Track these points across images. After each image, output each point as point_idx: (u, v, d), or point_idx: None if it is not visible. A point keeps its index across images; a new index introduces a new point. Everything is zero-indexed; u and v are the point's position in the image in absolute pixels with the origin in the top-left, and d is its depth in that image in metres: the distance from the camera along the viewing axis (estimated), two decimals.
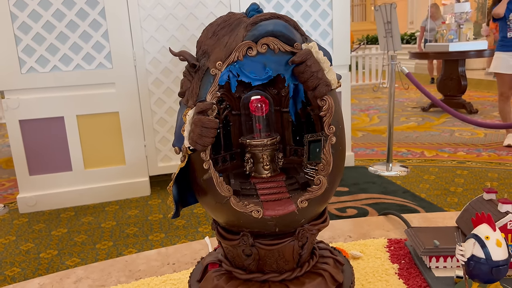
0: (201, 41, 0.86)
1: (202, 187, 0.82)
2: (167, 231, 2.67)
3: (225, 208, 0.80)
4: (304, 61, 0.82)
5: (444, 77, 6.04)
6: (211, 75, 0.80)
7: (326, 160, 0.85)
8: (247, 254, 0.85)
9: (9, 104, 2.94)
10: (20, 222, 2.94)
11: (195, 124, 0.77)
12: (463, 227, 1.27)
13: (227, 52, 0.80)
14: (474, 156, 3.87)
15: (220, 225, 0.89)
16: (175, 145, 0.83)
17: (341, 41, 3.54)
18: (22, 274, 2.24)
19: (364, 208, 2.76)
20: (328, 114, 0.85)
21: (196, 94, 0.81)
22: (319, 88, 0.82)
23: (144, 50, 3.15)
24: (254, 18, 0.82)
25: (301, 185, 0.93)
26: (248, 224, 0.82)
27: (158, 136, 3.32)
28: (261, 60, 0.83)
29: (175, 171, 0.83)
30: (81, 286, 1.26)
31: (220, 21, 0.86)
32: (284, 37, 0.82)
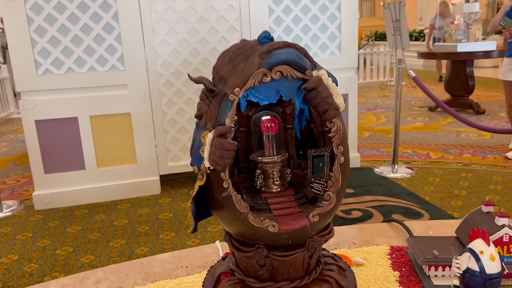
0: (218, 67, 0.92)
1: (220, 204, 0.88)
2: (177, 230, 2.76)
3: (243, 223, 0.87)
4: (316, 87, 0.89)
5: (452, 77, 6.06)
6: (229, 100, 0.86)
7: (335, 178, 0.92)
8: (261, 264, 0.92)
9: (25, 104, 3.04)
10: (36, 219, 3.04)
11: (216, 147, 0.83)
12: (461, 238, 1.33)
13: (244, 79, 0.86)
14: (480, 159, 3.91)
15: (233, 237, 0.96)
16: (194, 164, 0.88)
17: (349, 44, 3.59)
18: (40, 271, 2.34)
19: (369, 210, 2.83)
20: (336, 135, 0.92)
21: (215, 118, 0.87)
22: (329, 112, 0.90)
23: (156, 53, 3.23)
24: (268, 46, 0.88)
25: (309, 199, 1.01)
26: (264, 237, 0.88)
27: (169, 136, 3.40)
28: (275, 86, 0.90)
29: (194, 189, 0.90)
30: (101, 286, 1.35)
31: (235, 48, 0.92)
32: (297, 65, 0.89)
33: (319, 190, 1.03)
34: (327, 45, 3.57)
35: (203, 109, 0.90)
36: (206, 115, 0.89)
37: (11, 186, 3.83)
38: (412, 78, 3.37)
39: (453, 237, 1.37)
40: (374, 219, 2.68)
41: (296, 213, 0.93)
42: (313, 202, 0.99)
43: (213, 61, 3.32)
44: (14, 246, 2.64)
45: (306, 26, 3.48)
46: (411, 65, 10.96)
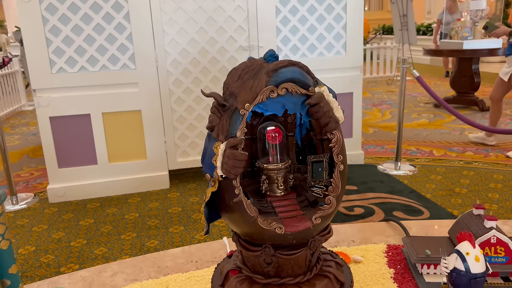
0: (228, 83, 1.01)
1: (231, 208, 0.97)
2: (186, 224, 2.87)
3: (252, 226, 0.96)
4: (318, 103, 0.99)
5: (458, 74, 6.09)
6: (240, 114, 0.95)
7: (336, 184, 1.02)
8: (267, 262, 1.01)
9: (40, 101, 3.15)
10: (51, 211, 3.17)
11: (228, 157, 0.92)
12: (453, 238, 1.42)
13: (253, 95, 0.95)
14: (482, 157, 3.98)
15: (241, 238, 1.06)
16: (206, 172, 0.97)
17: (354, 43, 3.65)
18: (56, 261, 2.47)
19: (371, 207, 2.92)
20: (336, 145, 1.03)
21: (226, 130, 0.96)
22: (330, 125, 1.00)
23: (166, 52, 3.32)
24: (274, 65, 0.98)
25: (311, 202, 1.11)
26: (271, 238, 0.98)
27: (178, 133, 3.50)
28: (281, 101, 0.99)
29: (206, 195, 0.99)
30: (117, 279, 1.46)
31: (243, 66, 1.02)
32: (301, 82, 0.99)
33: (319, 194, 1.13)
34: (332, 45, 3.64)
35: (214, 121, 0.98)
36: (218, 128, 0.98)
37: (25, 179, 3.96)
38: (416, 78, 3.43)
39: (445, 237, 1.46)
40: (376, 216, 2.77)
41: (300, 215, 1.03)
42: (314, 205, 1.08)
43: (220, 60, 3.43)
44: (30, 237, 2.77)
45: (312, 26, 3.55)
46: (418, 59, 10.96)
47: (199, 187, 3.53)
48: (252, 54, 3.46)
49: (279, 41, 3.54)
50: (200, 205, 3.15)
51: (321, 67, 3.62)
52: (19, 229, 2.91)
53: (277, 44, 3.53)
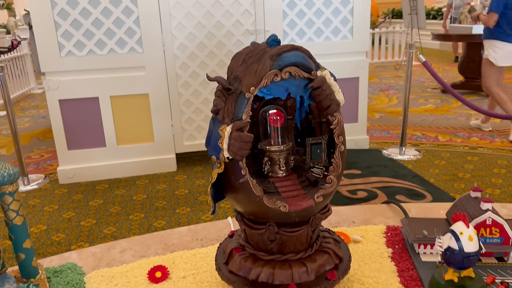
0: (232, 67, 1.04)
1: (237, 189, 1.01)
2: (193, 205, 2.94)
3: (257, 205, 1.00)
4: (321, 86, 1.02)
5: (466, 59, 6.04)
6: (245, 98, 0.98)
7: (336, 164, 1.06)
8: (271, 239, 1.05)
9: (50, 85, 3.21)
10: (61, 192, 3.26)
11: (235, 139, 0.95)
12: (451, 220, 1.46)
13: (258, 78, 0.98)
14: (487, 142, 3.98)
15: (245, 217, 1.11)
16: (212, 154, 1.01)
17: (361, 28, 3.64)
18: (67, 240, 2.55)
19: (374, 191, 2.96)
20: (337, 127, 1.06)
21: (232, 113, 0.99)
22: (331, 107, 1.03)
23: (172, 36, 3.34)
24: (278, 50, 1.01)
25: (312, 182, 1.15)
26: (275, 216, 1.02)
27: (184, 117, 3.55)
28: (284, 84, 1.03)
29: (212, 176, 1.02)
30: (126, 255, 1.52)
31: (247, 51, 1.05)
32: (304, 66, 1.02)
33: (318, 174, 1.18)
34: (339, 29, 3.64)
35: (220, 105, 1.01)
36: (223, 111, 1.01)
37: (36, 161, 4.05)
38: (422, 63, 3.43)
39: (443, 219, 1.50)
40: (378, 200, 2.81)
41: (302, 195, 1.07)
42: (315, 185, 1.13)
43: (227, 44, 3.45)
44: (42, 217, 2.86)
45: (319, 10, 3.55)
46: (428, 44, 10.82)
47: (205, 170, 3.59)
48: (259, 38, 3.48)
49: (285, 25, 3.54)
50: (207, 187, 3.21)
51: (328, 52, 3.62)
52: (31, 208, 3.00)
53: (284, 28, 3.53)
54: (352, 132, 3.80)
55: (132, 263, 1.45)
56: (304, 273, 1.05)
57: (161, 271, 1.25)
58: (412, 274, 1.23)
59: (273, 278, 1.04)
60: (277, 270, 1.05)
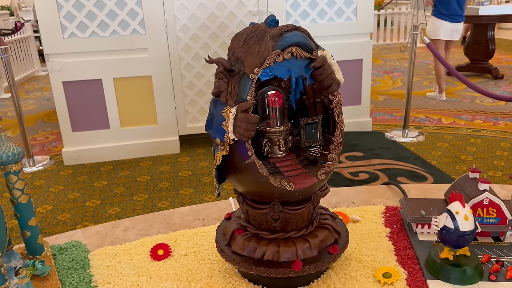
0: (233, 48, 1.03)
1: (242, 170, 1.01)
2: (196, 186, 2.97)
3: (263, 185, 1.01)
4: (322, 65, 1.03)
5: (472, 41, 5.97)
6: (249, 79, 0.98)
7: (337, 142, 1.08)
8: (275, 218, 1.08)
9: (53, 66, 3.22)
10: (66, 173, 3.30)
11: (241, 121, 0.96)
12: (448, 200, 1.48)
13: (261, 59, 0.98)
14: (491, 125, 3.97)
15: (247, 198, 1.13)
16: (216, 137, 1.00)
17: (365, 9, 3.60)
18: (72, 220, 2.60)
19: (376, 173, 2.98)
20: (338, 106, 1.07)
21: (235, 95, 0.99)
22: (332, 86, 1.05)
23: (175, 17, 3.33)
24: (279, 30, 1.01)
25: (311, 161, 1.17)
26: (280, 195, 1.04)
27: (187, 99, 3.56)
28: (286, 65, 1.03)
29: (216, 159, 1.02)
30: (129, 234, 1.55)
31: (248, 31, 1.04)
32: (306, 46, 1.02)
33: (316, 153, 1.19)
34: (343, 10, 3.60)
35: (222, 87, 1.01)
36: (226, 93, 1.01)
37: (41, 143, 4.09)
38: (426, 45, 3.40)
39: (441, 200, 1.52)
40: (379, 181, 2.83)
41: (303, 173, 1.09)
42: (314, 163, 1.15)
43: (229, 25, 3.43)
44: (48, 197, 2.91)
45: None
46: None
47: (208, 152, 3.62)
48: (261, 19, 3.45)
49: (288, 6, 3.51)
50: (210, 169, 3.25)
51: (331, 33, 3.59)
52: (36, 189, 3.04)
53: (287, 9, 3.50)
54: (355, 114, 3.80)
55: (135, 241, 1.48)
56: (307, 249, 1.08)
57: (163, 249, 1.29)
58: (409, 253, 1.25)
59: (278, 256, 1.06)
60: (282, 248, 1.07)
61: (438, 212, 1.35)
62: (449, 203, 1.20)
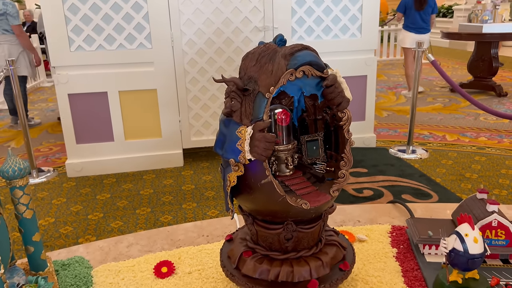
0: (245, 67, 1.03)
1: (257, 190, 1.00)
2: (199, 201, 2.96)
3: (279, 204, 1.00)
4: (333, 84, 1.04)
5: (476, 58, 5.98)
6: (264, 98, 0.98)
7: (347, 158, 1.07)
8: (288, 238, 1.06)
9: (59, 79, 3.24)
10: (69, 185, 3.29)
11: (259, 140, 0.95)
12: (456, 221, 1.46)
13: (275, 78, 0.98)
14: (495, 143, 3.95)
15: (257, 218, 1.10)
16: (230, 157, 0.99)
17: (369, 26, 3.63)
18: (74, 233, 2.59)
19: (380, 190, 2.96)
20: (347, 123, 1.08)
21: (251, 114, 0.99)
22: (342, 104, 1.05)
23: (181, 32, 3.35)
24: (290, 49, 1.01)
25: (319, 178, 1.16)
26: (295, 214, 1.03)
27: (192, 112, 3.56)
28: (298, 83, 1.04)
29: (230, 179, 1.01)
30: (132, 250, 1.54)
31: (259, 51, 1.04)
32: (317, 65, 1.03)
33: (322, 170, 1.18)
34: (348, 27, 3.62)
35: (235, 106, 1.00)
36: (239, 112, 1.00)
37: (45, 154, 4.09)
38: (431, 62, 3.41)
39: (448, 220, 1.50)
40: (384, 199, 2.81)
41: (314, 191, 1.09)
42: (322, 180, 1.14)
43: (235, 41, 3.45)
44: (50, 210, 2.90)
45: (327, 8, 3.54)
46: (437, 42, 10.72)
47: (212, 166, 3.61)
48: (267, 35, 3.48)
49: (294, 22, 3.53)
50: (213, 183, 3.24)
51: (336, 49, 3.61)
52: (39, 201, 3.04)
53: (292, 25, 3.53)
54: (359, 130, 3.79)
55: (138, 258, 1.47)
56: (320, 267, 1.06)
57: (167, 266, 1.27)
58: (416, 275, 1.23)
59: (292, 276, 1.04)
60: (296, 268, 1.05)
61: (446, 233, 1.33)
62: (458, 224, 1.18)
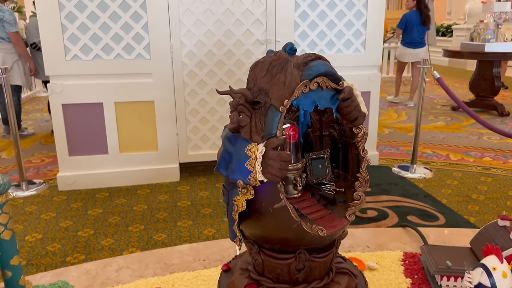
0: (255, 78, 0.92)
1: (269, 215, 0.89)
2: (195, 218, 2.83)
3: (293, 231, 0.89)
4: (350, 97, 0.95)
5: (478, 77, 5.94)
6: (277, 112, 0.87)
7: (363, 178, 0.98)
8: (299, 269, 0.95)
9: (53, 88, 3.13)
10: (59, 199, 3.16)
11: (273, 159, 0.84)
12: (475, 250, 1.35)
13: (289, 90, 0.88)
14: (501, 163, 3.86)
15: (264, 247, 0.97)
16: (238, 178, 0.87)
17: (374, 42, 3.56)
18: (62, 251, 2.44)
19: (385, 210, 2.84)
20: (363, 140, 0.99)
21: (261, 130, 0.88)
22: (359, 119, 0.96)
23: (181, 43, 3.27)
24: (303, 59, 0.92)
25: (330, 200, 1.05)
26: (310, 242, 0.92)
27: (190, 126, 3.46)
28: (312, 96, 0.94)
29: (238, 203, 0.89)
30: (122, 274, 1.41)
31: (270, 59, 0.93)
32: (332, 76, 0.93)
33: (331, 191, 1.07)
34: (351, 42, 3.55)
35: (243, 121, 0.89)
36: (248, 128, 0.89)
37: (36, 165, 3.96)
38: (436, 80, 3.33)
39: (467, 248, 1.39)
40: (389, 220, 2.69)
41: (327, 215, 0.98)
42: (332, 203, 1.04)
43: (236, 53, 3.37)
44: (38, 225, 2.76)
45: (331, 22, 3.47)
46: (437, 61, 10.74)
47: (209, 181, 3.49)
48: (269, 48, 3.39)
49: (297, 36, 3.46)
50: (210, 199, 3.11)
51: (339, 64, 3.50)
52: (27, 215, 2.90)
53: (295, 39, 3.45)
54: None
55: (128, 284, 1.35)
56: None
57: None
58: None
59: None
60: None
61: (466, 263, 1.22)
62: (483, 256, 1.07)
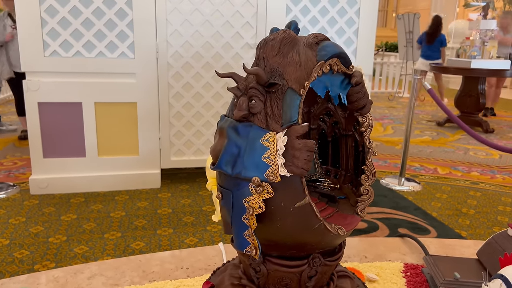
0: (266, 57, 0.81)
1: (288, 215, 0.77)
2: (176, 227, 2.67)
3: (312, 233, 0.79)
4: (362, 82, 0.87)
5: (463, 94, 5.97)
6: (296, 95, 0.76)
7: (370, 171, 0.91)
8: (311, 276, 0.85)
9: (29, 85, 2.95)
10: (31, 203, 2.96)
11: (300, 150, 0.73)
12: (484, 261, 1.25)
13: (307, 71, 0.78)
14: (488, 178, 3.82)
15: (271, 255, 0.86)
16: (253, 175, 0.74)
17: (366, 50, 3.50)
18: (31, 258, 2.25)
19: (375, 222, 2.74)
20: (368, 129, 0.92)
21: (280, 117, 0.76)
22: (367, 107, 0.89)
23: (167, 43, 3.14)
24: (314, 38, 0.83)
25: (330, 198, 0.99)
26: (327, 244, 0.85)
27: (174, 130, 3.31)
28: (324, 80, 0.86)
29: (254, 206, 0.75)
30: (95, 282, 1.26)
31: (280, 37, 0.82)
32: (345, 59, 0.84)
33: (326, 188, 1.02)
34: None
35: (256, 107, 0.77)
36: (263, 115, 0.77)
37: (8, 168, 3.74)
38: (427, 91, 3.28)
39: (473, 259, 1.29)
40: (380, 232, 2.59)
41: (335, 213, 0.92)
42: (333, 200, 0.98)
43: (225, 56, 3.26)
44: (6, 230, 2.56)
45: (323, 28, 3.40)
46: None
47: (191, 188, 3.33)
48: None
49: None
50: (192, 207, 2.96)
51: None
52: None
53: None
54: None
55: None
56: None
57: None
58: None
59: None
60: None
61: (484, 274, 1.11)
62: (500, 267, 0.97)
